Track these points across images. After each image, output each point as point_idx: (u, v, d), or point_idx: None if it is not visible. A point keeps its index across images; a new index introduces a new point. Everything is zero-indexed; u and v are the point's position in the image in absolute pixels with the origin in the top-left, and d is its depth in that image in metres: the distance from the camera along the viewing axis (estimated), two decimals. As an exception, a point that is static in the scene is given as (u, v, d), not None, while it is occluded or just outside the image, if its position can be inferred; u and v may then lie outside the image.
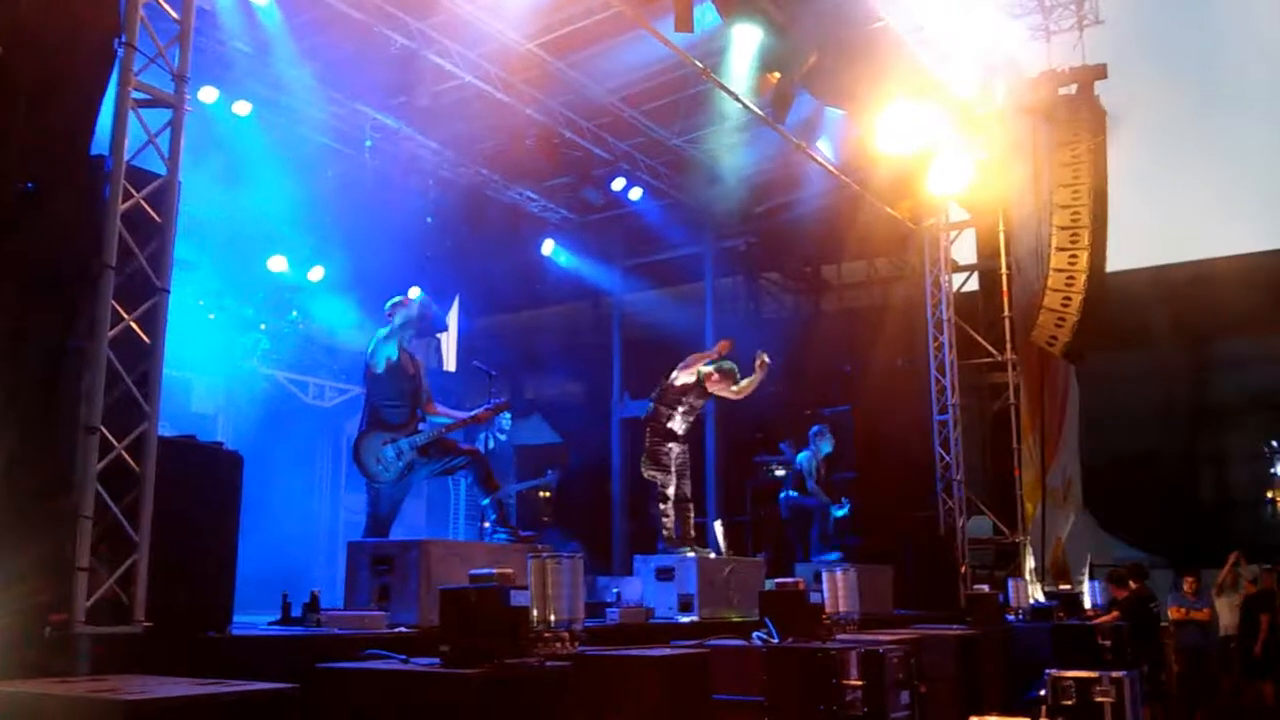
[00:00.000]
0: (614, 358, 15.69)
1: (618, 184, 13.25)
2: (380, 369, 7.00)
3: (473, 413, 7.38)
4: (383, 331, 7.08)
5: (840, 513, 11.17)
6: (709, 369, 8.55)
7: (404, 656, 4.15)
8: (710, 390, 8.65)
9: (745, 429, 14.03)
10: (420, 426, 7.04)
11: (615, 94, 11.72)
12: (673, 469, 8.43)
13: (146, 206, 4.61)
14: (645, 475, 8.46)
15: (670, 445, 8.47)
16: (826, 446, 11.12)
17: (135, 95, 4.68)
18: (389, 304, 7.29)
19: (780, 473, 12.91)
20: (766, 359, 8.84)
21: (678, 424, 8.54)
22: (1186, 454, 17.49)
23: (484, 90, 11.17)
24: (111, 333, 4.36)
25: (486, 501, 7.29)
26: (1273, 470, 14.80)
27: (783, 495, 11.42)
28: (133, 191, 4.55)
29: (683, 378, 8.50)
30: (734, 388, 8.71)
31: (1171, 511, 16.38)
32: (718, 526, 9.03)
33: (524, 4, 9.69)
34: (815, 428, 11.27)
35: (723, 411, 13.31)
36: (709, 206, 14.36)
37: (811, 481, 11.07)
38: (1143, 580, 11.17)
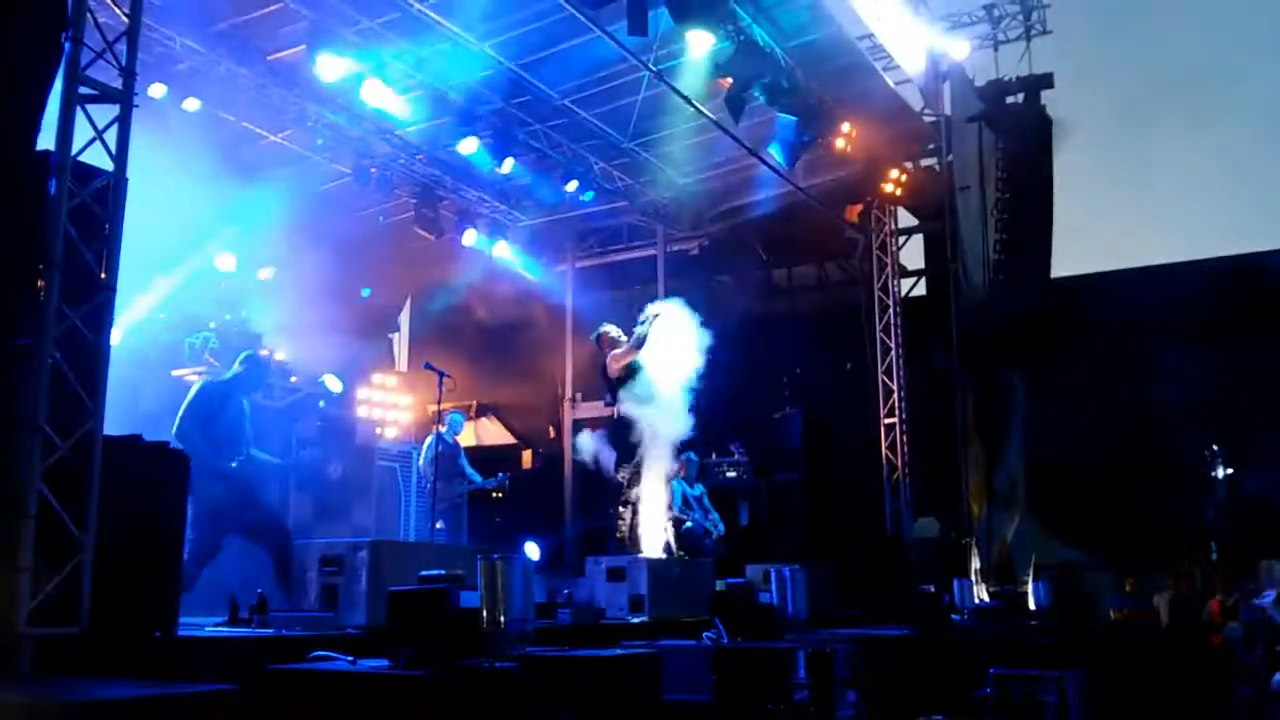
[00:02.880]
0: (566, 359, 15.69)
1: (571, 186, 13.26)
2: (205, 411, 7.23)
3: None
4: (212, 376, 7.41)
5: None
6: (615, 352, 8.67)
7: (352, 658, 4.14)
8: (618, 366, 8.71)
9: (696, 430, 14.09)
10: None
11: (568, 96, 11.72)
12: (641, 469, 8.46)
13: (93, 203, 4.56)
14: (619, 476, 8.45)
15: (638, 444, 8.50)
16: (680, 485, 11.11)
17: (82, 90, 4.62)
18: (243, 355, 7.69)
19: (731, 474, 12.99)
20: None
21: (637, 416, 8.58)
22: (1129, 457, 17.79)
23: (436, 90, 11.16)
24: (57, 331, 4.31)
25: None
26: (1213, 474, 15.10)
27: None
28: (79, 188, 4.50)
29: (614, 368, 8.65)
30: (626, 347, 8.80)
31: (1114, 514, 16.66)
32: (669, 527, 9.07)
33: (477, 4, 9.68)
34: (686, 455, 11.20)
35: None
36: (661, 210, 14.43)
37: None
38: (1076, 580, 11.39)
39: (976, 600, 10.78)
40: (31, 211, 4.39)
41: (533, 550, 9.03)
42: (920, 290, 14.30)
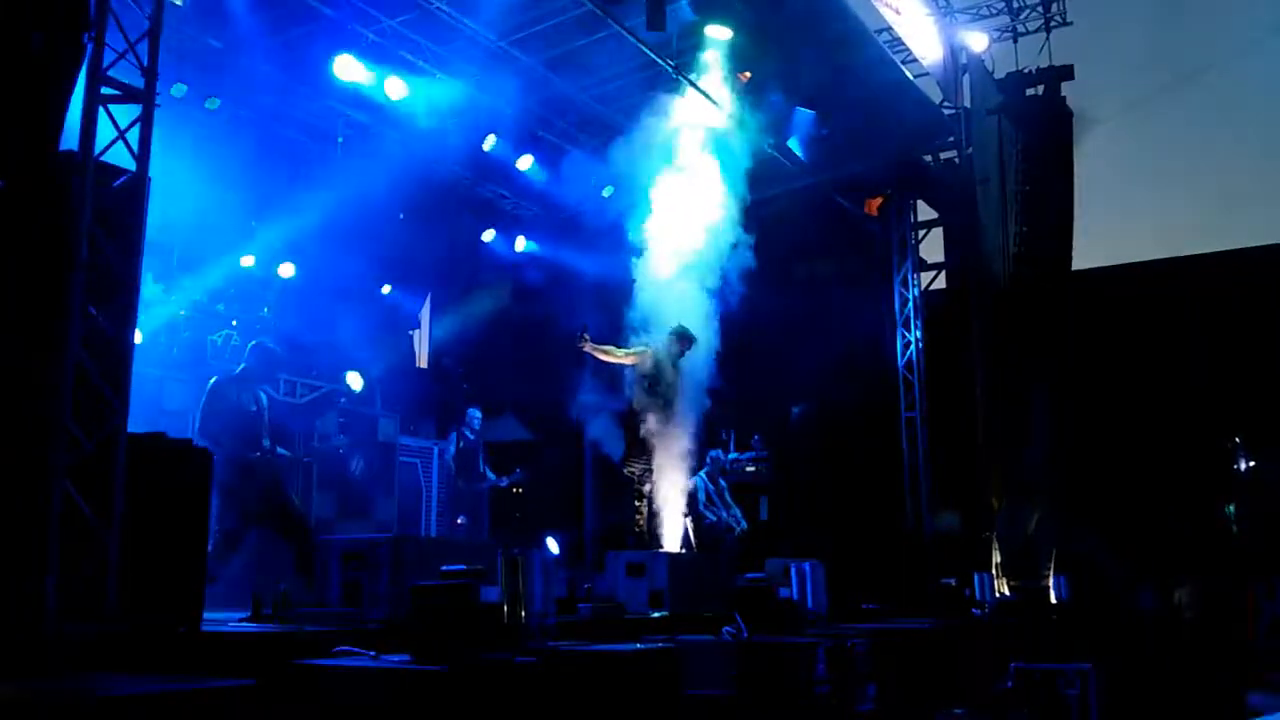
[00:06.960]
0: (585, 354, 15.66)
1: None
2: (222, 405, 7.24)
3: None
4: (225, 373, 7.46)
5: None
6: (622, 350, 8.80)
7: (374, 653, 4.17)
8: (631, 363, 8.89)
9: (715, 425, 14.10)
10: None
11: (587, 92, 11.72)
12: (653, 464, 8.50)
13: (116, 203, 4.60)
14: (625, 471, 8.49)
15: (649, 440, 8.53)
16: (701, 480, 11.06)
17: (105, 91, 4.67)
18: (250, 345, 7.59)
19: (751, 469, 12.98)
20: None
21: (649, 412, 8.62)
22: (1151, 450, 17.68)
23: (456, 89, 11.19)
24: (81, 330, 4.35)
25: None
26: (1235, 466, 14.99)
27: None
28: (102, 188, 4.54)
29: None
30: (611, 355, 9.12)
31: (1136, 506, 16.56)
32: (688, 522, 9.09)
33: (496, 2, 9.70)
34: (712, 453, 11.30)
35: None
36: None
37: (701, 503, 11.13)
38: (1097, 574, 11.34)
39: (997, 594, 10.73)
40: (55, 211, 4.44)
41: (553, 545, 9.07)
42: (940, 283, 14.23)
